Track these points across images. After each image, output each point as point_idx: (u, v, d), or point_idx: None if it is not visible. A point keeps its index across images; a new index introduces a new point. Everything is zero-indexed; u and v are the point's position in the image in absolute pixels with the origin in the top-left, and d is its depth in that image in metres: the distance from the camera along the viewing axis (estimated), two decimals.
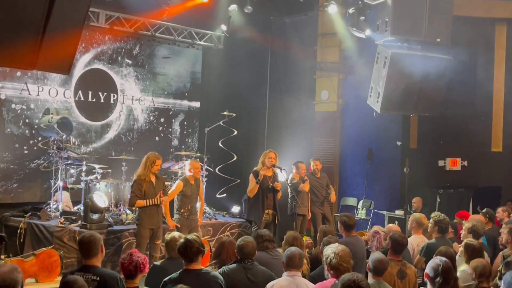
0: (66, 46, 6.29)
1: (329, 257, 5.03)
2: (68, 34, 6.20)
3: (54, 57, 6.15)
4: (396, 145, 12.13)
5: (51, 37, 5.88)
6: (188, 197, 8.60)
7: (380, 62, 10.63)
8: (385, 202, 12.47)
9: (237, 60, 12.85)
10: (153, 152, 8.38)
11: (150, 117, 12.39)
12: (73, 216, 9.19)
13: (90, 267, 4.82)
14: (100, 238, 4.93)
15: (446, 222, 7.20)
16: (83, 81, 11.21)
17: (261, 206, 8.87)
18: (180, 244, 5.10)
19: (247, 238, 5.58)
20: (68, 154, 9.99)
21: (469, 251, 6.01)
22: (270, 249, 6.14)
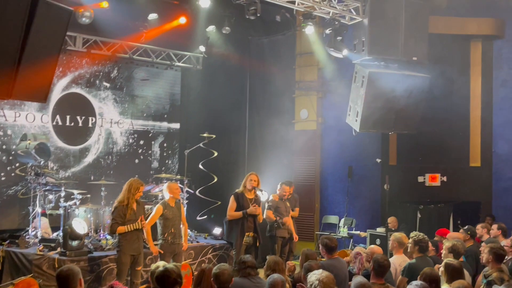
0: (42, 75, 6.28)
1: (313, 284, 5.00)
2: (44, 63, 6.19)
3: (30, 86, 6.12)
4: (376, 162, 12.17)
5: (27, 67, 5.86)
6: (170, 220, 8.47)
7: (358, 81, 10.71)
8: (367, 220, 12.49)
9: (216, 80, 12.88)
10: (135, 179, 8.26)
11: (129, 139, 12.33)
12: (52, 243, 9.06)
13: None
14: (78, 272, 4.84)
15: (426, 241, 7.21)
16: (61, 105, 11.15)
17: (240, 229, 8.78)
18: (158, 273, 5.02)
19: (222, 266, 5.51)
20: (46, 179, 9.87)
21: (449, 270, 6.01)
22: (252, 276, 6.06)
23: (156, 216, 8.44)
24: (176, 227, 8.54)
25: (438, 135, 12.31)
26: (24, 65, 5.79)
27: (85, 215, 9.75)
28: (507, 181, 12.19)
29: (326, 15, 10.24)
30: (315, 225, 12.95)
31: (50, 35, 6.12)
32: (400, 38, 10.36)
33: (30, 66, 5.89)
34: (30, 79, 6.02)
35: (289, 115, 13.36)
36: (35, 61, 5.95)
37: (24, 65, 5.79)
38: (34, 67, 5.97)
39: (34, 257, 8.71)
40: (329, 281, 5.00)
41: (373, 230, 11.67)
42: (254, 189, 8.99)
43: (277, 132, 12.88)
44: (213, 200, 11.71)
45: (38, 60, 6.03)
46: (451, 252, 6.99)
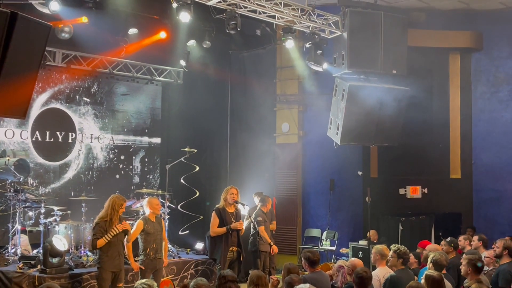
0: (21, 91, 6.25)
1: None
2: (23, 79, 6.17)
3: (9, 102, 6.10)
4: (357, 175, 12.19)
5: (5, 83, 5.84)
6: (151, 235, 8.43)
7: (338, 94, 10.78)
8: (349, 232, 12.53)
9: (197, 95, 12.89)
10: (117, 195, 8.19)
11: (110, 155, 12.28)
12: (32, 260, 8.95)
13: None
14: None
15: (406, 253, 7.26)
16: (40, 121, 11.10)
17: (224, 244, 8.76)
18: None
19: (200, 281, 5.47)
20: (26, 196, 9.76)
21: (429, 282, 6.06)
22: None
23: (137, 232, 8.39)
24: (158, 242, 8.51)
25: (418, 147, 12.42)
26: (3, 81, 5.77)
27: (65, 232, 9.66)
28: (488, 192, 12.32)
29: (306, 29, 10.32)
30: (297, 239, 12.95)
31: (29, 51, 6.10)
32: (379, 52, 10.49)
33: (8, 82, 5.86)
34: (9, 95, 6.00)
35: (270, 128, 13.39)
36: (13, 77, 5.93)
37: (3, 81, 5.77)
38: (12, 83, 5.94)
39: (14, 275, 8.60)
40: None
41: (355, 243, 11.70)
42: (235, 203, 8.98)
43: (259, 145, 12.89)
44: (195, 215, 11.67)
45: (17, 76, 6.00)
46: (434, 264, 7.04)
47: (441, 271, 6.78)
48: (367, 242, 11.21)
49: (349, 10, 10.37)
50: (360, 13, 10.46)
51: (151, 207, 8.60)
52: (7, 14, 5.70)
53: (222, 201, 8.95)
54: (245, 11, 9.41)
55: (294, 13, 9.83)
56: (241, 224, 8.91)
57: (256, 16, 9.57)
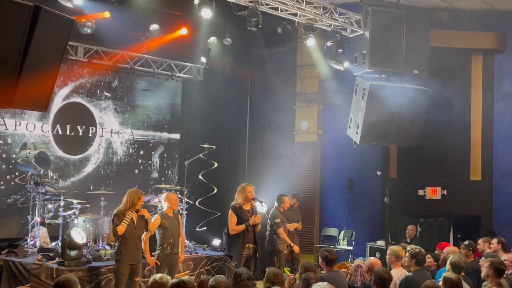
0: (44, 84, 6.28)
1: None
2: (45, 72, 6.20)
3: (31, 95, 6.13)
4: (376, 175, 12.16)
5: (28, 76, 5.87)
6: (169, 230, 8.46)
7: (358, 93, 10.74)
8: (366, 232, 12.47)
9: (217, 91, 12.89)
10: (135, 189, 8.22)
11: (130, 149, 12.33)
12: (51, 253, 9.02)
13: None
14: (75, 282, 4.82)
15: (423, 254, 7.19)
16: (61, 114, 11.15)
17: (241, 241, 8.75)
18: (173, 284, 4.98)
19: (219, 278, 5.45)
20: (45, 189, 9.83)
21: (447, 284, 5.99)
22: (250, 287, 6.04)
23: (155, 225, 8.42)
24: (175, 238, 8.54)
25: (438, 149, 12.31)
26: (25, 74, 5.81)
27: (84, 225, 9.72)
28: (508, 195, 12.18)
29: (327, 27, 10.27)
30: (314, 238, 12.92)
31: (51, 44, 6.13)
32: (401, 51, 10.43)
33: (31, 75, 5.90)
34: (31, 88, 6.03)
35: (289, 126, 13.36)
36: (36, 70, 5.96)
37: (25, 74, 5.81)
38: (35, 76, 5.98)
39: (32, 267, 8.67)
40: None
41: (372, 243, 11.67)
42: (253, 200, 8.97)
43: (277, 143, 12.84)
44: (212, 211, 11.68)
45: (40, 69, 6.04)
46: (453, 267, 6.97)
47: (459, 273, 6.69)
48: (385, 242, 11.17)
49: (372, 9, 10.32)
50: (382, 12, 10.41)
51: (169, 202, 8.62)
52: (31, 7, 5.74)
53: (239, 199, 8.94)
54: (267, 9, 9.39)
55: (316, 11, 9.79)
56: (259, 217, 8.87)
57: (278, 13, 9.56)
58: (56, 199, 9.90)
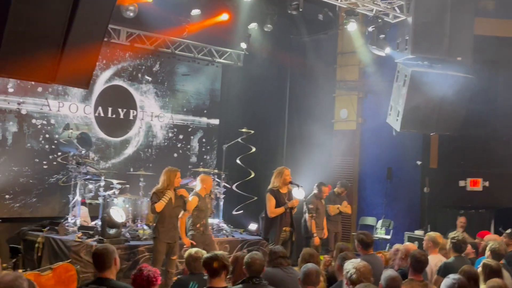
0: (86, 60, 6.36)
1: (350, 272, 4.93)
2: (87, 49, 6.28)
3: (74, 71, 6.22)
4: (416, 164, 12.01)
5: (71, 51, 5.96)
6: (203, 212, 8.62)
7: (399, 80, 10.61)
8: (405, 222, 12.32)
9: (256, 78, 12.90)
10: (170, 167, 8.38)
11: (169, 133, 12.45)
12: (91, 231, 9.19)
13: (104, 280, 4.78)
14: (114, 250, 4.90)
15: (462, 241, 7.07)
16: (103, 97, 11.32)
17: (279, 224, 8.79)
18: (207, 257, 5.04)
19: (254, 255, 5.45)
20: (87, 169, 10.00)
21: (486, 271, 5.88)
22: (284, 266, 6.05)
23: (193, 205, 8.51)
24: (207, 219, 8.73)
25: (481, 139, 12.05)
26: (68, 49, 5.90)
27: (123, 205, 9.86)
28: None
29: (369, 12, 10.17)
30: (352, 227, 12.85)
31: (94, 21, 6.21)
32: (444, 38, 10.21)
33: (74, 51, 5.99)
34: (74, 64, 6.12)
35: (328, 114, 13.32)
36: (79, 46, 6.05)
37: (68, 49, 5.90)
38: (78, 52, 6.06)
39: (73, 244, 8.85)
40: (366, 271, 4.93)
41: (411, 233, 11.54)
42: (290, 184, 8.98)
43: (316, 131, 12.81)
44: (249, 195, 11.73)
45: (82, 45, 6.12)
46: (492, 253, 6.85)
47: (499, 260, 6.58)
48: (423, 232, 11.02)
49: None
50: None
51: (205, 184, 8.74)
52: None
53: (277, 182, 8.96)
54: None
55: None
56: (297, 201, 8.91)
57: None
58: (96, 179, 10.06)
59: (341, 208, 10.69)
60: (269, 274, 5.94)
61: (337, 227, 10.67)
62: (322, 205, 10.25)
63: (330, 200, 10.65)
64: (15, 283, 3.54)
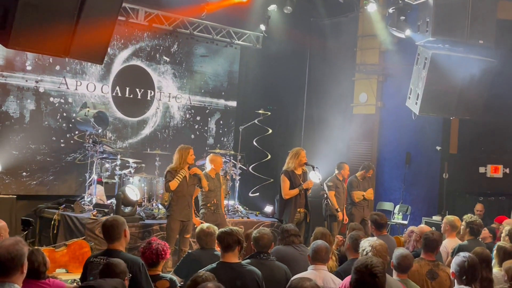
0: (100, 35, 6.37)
1: (365, 250, 4.92)
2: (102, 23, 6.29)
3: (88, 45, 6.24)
4: (435, 149, 11.91)
5: (85, 25, 5.96)
6: (212, 192, 8.68)
7: (420, 63, 10.48)
8: (423, 208, 12.25)
9: (275, 60, 12.85)
10: (182, 145, 8.43)
11: (186, 115, 12.47)
12: (106, 208, 9.27)
13: (113, 252, 4.82)
14: (123, 222, 4.93)
15: (478, 223, 7.02)
16: (121, 77, 11.35)
17: (293, 205, 8.77)
18: (222, 231, 5.02)
19: (263, 230, 5.46)
20: (103, 148, 10.06)
21: (500, 253, 5.83)
22: (296, 244, 6.05)
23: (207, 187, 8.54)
24: (218, 198, 8.79)
25: (502, 125, 11.85)
26: (83, 22, 5.90)
27: (139, 184, 9.94)
28: None
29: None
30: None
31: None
32: (466, 20, 10.01)
33: (88, 24, 5.99)
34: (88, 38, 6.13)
35: (347, 98, 13.23)
36: (93, 19, 6.05)
37: (83, 22, 5.90)
38: (92, 25, 6.07)
39: (88, 221, 8.93)
40: (382, 249, 4.92)
41: (428, 218, 11.45)
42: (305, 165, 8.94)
43: (335, 114, 12.78)
44: (265, 177, 11.72)
45: (97, 19, 6.13)
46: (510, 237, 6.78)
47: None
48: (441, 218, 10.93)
49: None
50: None
51: (214, 164, 8.80)
52: None
53: (292, 163, 8.92)
54: None
55: None
56: (311, 182, 8.87)
57: None
58: (113, 158, 10.13)
59: (366, 195, 10.59)
60: (280, 252, 5.95)
61: (363, 212, 10.52)
62: (342, 186, 10.19)
63: (353, 186, 10.56)
64: (15, 247, 3.56)
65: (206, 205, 8.62)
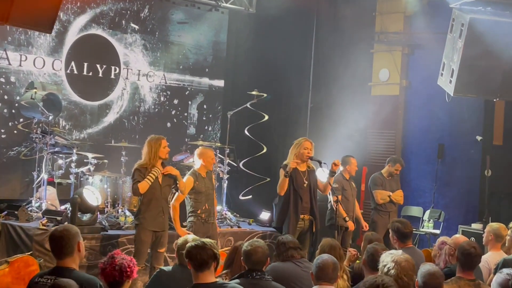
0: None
1: (387, 266, 4.89)
2: None
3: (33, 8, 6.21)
4: (475, 140, 11.92)
5: None
6: (202, 194, 8.58)
7: (455, 30, 10.50)
8: (459, 213, 12.28)
9: (273, 28, 12.85)
10: (152, 136, 8.35)
11: (161, 97, 12.48)
12: (58, 216, 9.23)
13: (63, 270, 4.78)
14: (76, 233, 4.89)
15: None
16: (77, 49, 11.33)
17: (293, 210, 8.70)
18: (190, 246, 4.98)
19: (256, 242, 5.42)
20: (55, 139, 10.04)
21: None
22: (297, 258, 6.04)
23: (189, 187, 8.50)
24: (210, 203, 8.70)
25: None
26: None
27: (101, 185, 9.94)
28: None
29: None
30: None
31: None
32: None
33: None
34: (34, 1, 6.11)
35: (364, 75, 13.21)
36: None
37: None
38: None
39: (36, 232, 8.86)
40: (408, 266, 4.88)
41: (467, 227, 11.48)
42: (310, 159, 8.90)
43: (348, 96, 12.76)
44: (260, 176, 11.73)
45: None
46: None
47: None
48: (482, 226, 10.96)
49: None
50: None
51: (205, 159, 8.68)
52: None
53: (293, 156, 8.89)
54: None
55: None
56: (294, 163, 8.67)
57: None
58: (67, 152, 10.10)
59: (393, 197, 10.55)
60: (278, 269, 5.96)
61: (388, 220, 10.31)
62: (350, 186, 10.15)
63: (377, 184, 10.54)
64: None
65: (196, 212, 8.51)
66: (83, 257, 5.05)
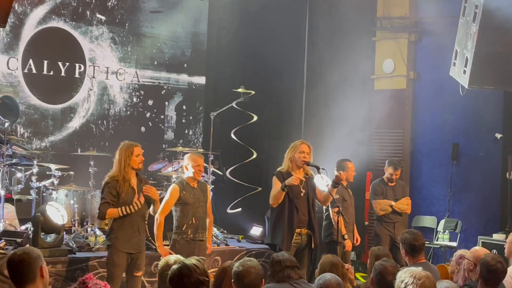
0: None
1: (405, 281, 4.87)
2: None
3: None
4: (494, 138, 11.97)
5: None
6: (189, 206, 8.50)
7: (468, 14, 10.57)
8: (479, 223, 12.32)
9: (260, 16, 12.85)
10: (123, 142, 8.30)
11: (133, 98, 12.51)
12: (19, 238, 9.19)
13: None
14: (38, 257, 4.86)
15: None
16: (36, 45, 11.35)
17: (288, 223, 8.72)
18: (173, 272, 4.95)
19: (248, 262, 5.41)
20: (12, 150, 10.02)
21: None
22: (294, 279, 6.04)
23: (171, 201, 8.46)
24: (199, 217, 8.61)
25: None
26: None
27: (66, 201, 9.93)
28: None
29: None
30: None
31: None
32: None
33: None
34: None
35: (366, 67, 13.29)
36: None
37: None
38: None
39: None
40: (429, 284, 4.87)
41: (487, 238, 11.51)
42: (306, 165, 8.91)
43: (348, 92, 12.79)
44: (250, 186, 11.74)
45: None
46: None
47: None
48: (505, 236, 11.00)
49: None
50: None
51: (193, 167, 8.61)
52: None
53: (288, 162, 8.91)
54: None
55: None
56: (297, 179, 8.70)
57: None
58: (27, 164, 10.08)
59: (396, 206, 10.56)
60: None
61: (393, 232, 10.44)
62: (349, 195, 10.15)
63: (376, 194, 10.57)
64: None
65: (181, 229, 8.43)
66: (47, 284, 4.99)
